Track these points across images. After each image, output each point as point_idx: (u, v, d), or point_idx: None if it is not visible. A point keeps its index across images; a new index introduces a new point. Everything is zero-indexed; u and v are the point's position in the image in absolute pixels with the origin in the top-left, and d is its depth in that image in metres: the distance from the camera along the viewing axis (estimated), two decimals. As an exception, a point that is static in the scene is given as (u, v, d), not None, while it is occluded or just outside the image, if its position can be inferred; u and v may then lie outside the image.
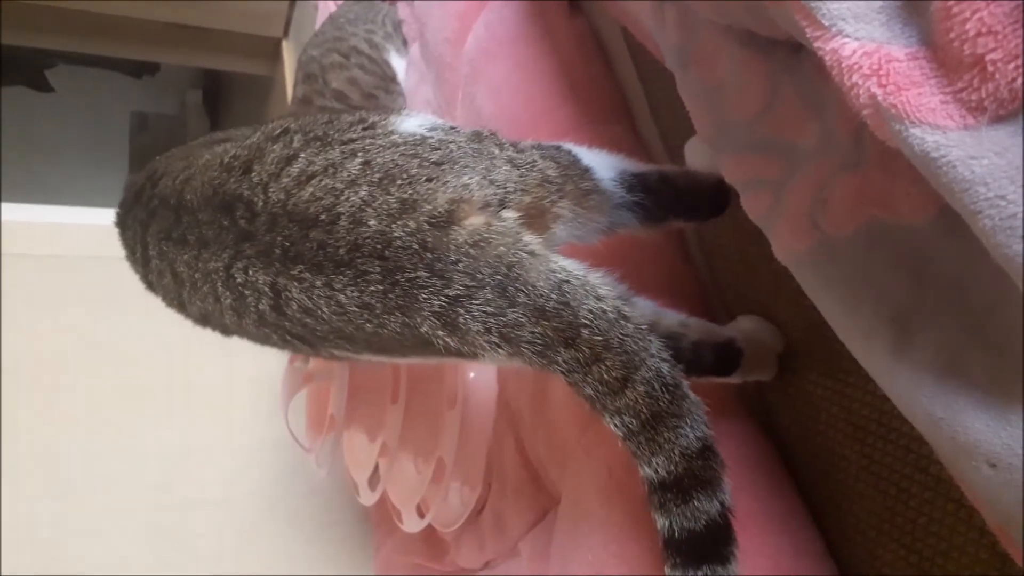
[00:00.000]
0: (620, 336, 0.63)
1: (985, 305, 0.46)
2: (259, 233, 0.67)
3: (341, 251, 0.64)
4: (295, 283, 0.66)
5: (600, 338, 0.62)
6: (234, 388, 1.63)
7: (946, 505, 0.73)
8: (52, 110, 3.54)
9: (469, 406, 1.16)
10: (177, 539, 1.50)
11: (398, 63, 1.51)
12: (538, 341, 0.63)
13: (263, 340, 0.76)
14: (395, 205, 0.64)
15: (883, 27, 0.42)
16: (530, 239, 0.65)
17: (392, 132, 0.70)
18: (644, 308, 0.82)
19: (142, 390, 1.60)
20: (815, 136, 0.57)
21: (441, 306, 0.63)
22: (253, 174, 0.69)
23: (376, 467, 1.21)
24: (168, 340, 1.64)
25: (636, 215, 0.79)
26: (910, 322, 0.50)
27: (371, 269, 0.63)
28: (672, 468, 0.64)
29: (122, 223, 0.86)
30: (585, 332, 0.62)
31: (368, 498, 1.22)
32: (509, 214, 0.66)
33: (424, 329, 0.64)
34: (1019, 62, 0.36)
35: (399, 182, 0.65)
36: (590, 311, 0.63)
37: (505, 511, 1.17)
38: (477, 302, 0.62)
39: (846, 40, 0.42)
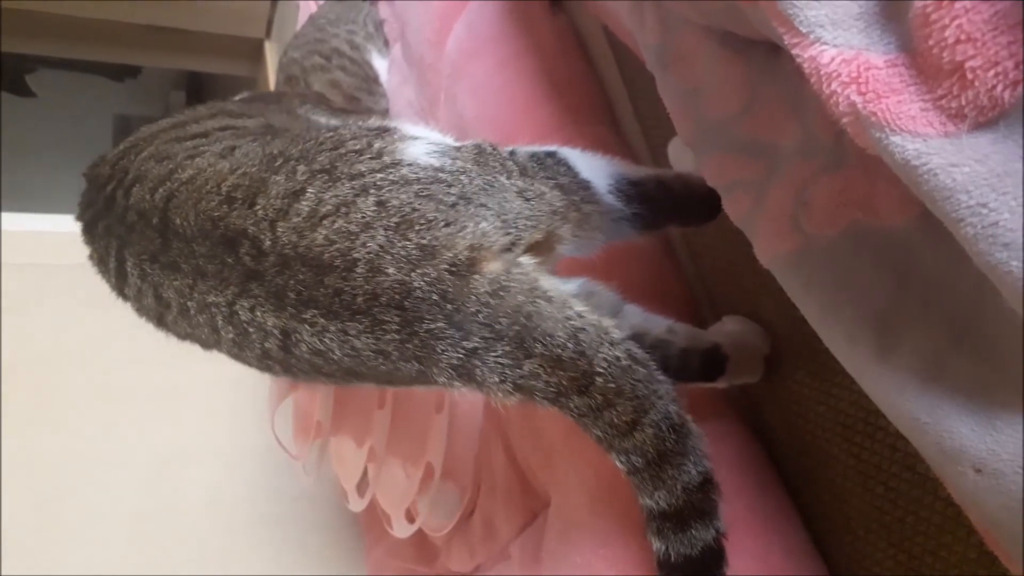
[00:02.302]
0: (632, 382, 0.63)
1: (968, 309, 0.46)
2: (268, 274, 0.65)
3: (359, 299, 0.63)
4: (307, 327, 0.65)
5: (613, 385, 0.63)
6: (222, 395, 1.63)
7: (934, 503, 0.73)
8: (34, 115, 3.52)
9: (456, 410, 1.15)
10: (164, 545, 1.50)
11: (380, 64, 1.50)
12: (552, 389, 0.64)
13: (262, 369, 0.74)
14: (414, 252, 0.62)
15: (861, 34, 0.41)
16: (546, 283, 0.65)
17: (400, 163, 0.68)
18: (633, 317, 0.82)
19: (133, 396, 1.60)
20: (796, 137, 0.56)
21: (459, 359, 0.63)
22: (258, 208, 0.66)
23: (364, 473, 1.21)
24: (158, 347, 1.63)
25: (634, 226, 0.79)
26: (893, 326, 0.50)
27: (389, 319, 0.63)
28: (673, 501, 0.65)
29: (90, 228, 0.83)
30: (599, 380, 0.63)
31: (357, 504, 1.22)
32: (527, 260, 0.66)
33: (440, 380, 0.64)
34: (999, 69, 0.35)
35: (417, 227, 0.63)
36: (604, 359, 0.63)
37: (495, 514, 1.17)
38: (494, 354, 0.63)
39: (824, 47, 0.42)
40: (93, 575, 1.42)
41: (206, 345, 0.75)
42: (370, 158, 0.68)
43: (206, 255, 0.68)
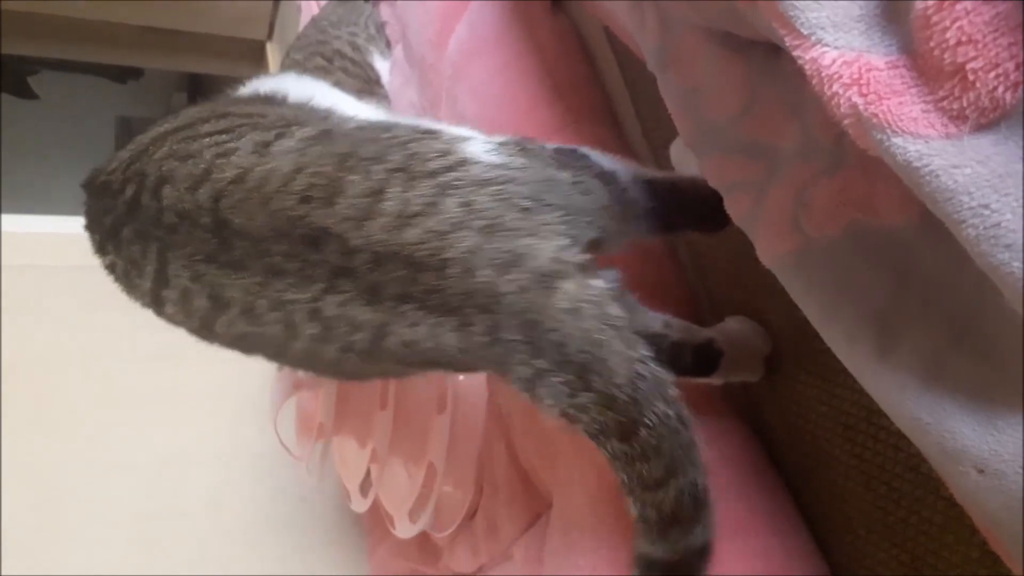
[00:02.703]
0: (674, 445, 0.64)
1: (968, 309, 0.46)
2: (360, 271, 0.66)
3: (453, 299, 0.64)
4: (402, 321, 0.66)
5: (655, 442, 0.63)
6: (224, 396, 1.63)
7: (936, 503, 0.73)
8: (36, 117, 3.52)
9: (459, 411, 1.15)
10: (165, 546, 1.50)
11: (382, 65, 1.50)
12: (596, 426, 0.64)
13: (331, 366, 0.75)
14: (504, 256, 0.64)
15: (862, 36, 0.41)
16: (613, 309, 0.65)
17: (467, 161, 0.69)
18: (634, 311, 0.82)
19: (133, 397, 1.60)
20: (796, 138, 0.57)
21: (528, 376, 0.64)
22: (339, 207, 0.67)
23: (368, 473, 1.21)
24: (159, 349, 1.63)
25: (648, 224, 0.80)
26: (893, 326, 0.50)
27: (476, 321, 0.64)
28: (670, 557, 0.66)
29: (112, 235, 0.82)
30: (644, 432, 0.63)
31: (360, 505, 1.22)
32: (597, 282, 0.66)
33: (509, 382, 0.66)
34: (1000, 71, 0.35)
35: (501, 233, 0.64)
36: (655, 414, 0.63)
37: (498, 515, 1.17)
38: (557, 379, 0.63)
39: (826, 49, 0.42)
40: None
41: (262, 346, 0.76)
42: (438, 156, 0.69)
43: (284, 253, 0.68)
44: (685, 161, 0.92)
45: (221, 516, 1.55)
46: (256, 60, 2.62)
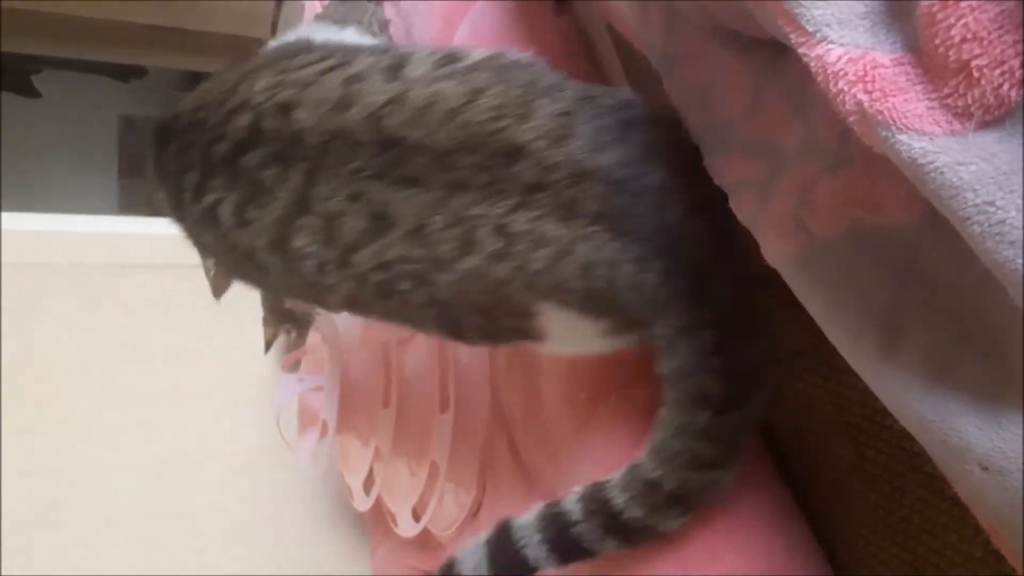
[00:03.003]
0: None
1: (973, 307, 0.46)
2: (559, 188, 0.67)
3: (642, 227, 0.67)
4: (588, 241, 0.67)
5: None
6: (225, 396, 1.63)
7: (940, 503, 0.73)
8: (38, 115, 3.52)
9: (461, 409, 1.15)
10: (166, 546, 1.50)
11: (385, 64, 1.50)
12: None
13: (490, 290, 0.73)
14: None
15: (868, 33, 0.42)
16: None
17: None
18: None
19: (134, 396, 1.60)
20: (800, 137, 0.57)
21: (675, 330, 0.70)
22: (534, 125, 0.68)
23: (370, 471, 1.21)
24: (160, 348, 1.64)
25: None
26: (898, 324, 0.50)
27: (656, 258, 0.68)
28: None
29: (228, 165, 0.76)
30: None
31: (363, 503, 1.22)
32: None
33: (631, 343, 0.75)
34: (1005, 68, 0.36)
35: None
36: None
37: (501, 513, 1.16)
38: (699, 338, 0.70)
39: (831, 46, 0.42)
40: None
41: (403, 277, 0.74)
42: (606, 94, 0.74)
43: (474, 166, 0.68)
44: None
45: (221, 516, 1.55)
46: (259, 59, 2.62)
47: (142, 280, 1.68)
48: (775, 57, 0.57)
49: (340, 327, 1.21)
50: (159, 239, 1.74)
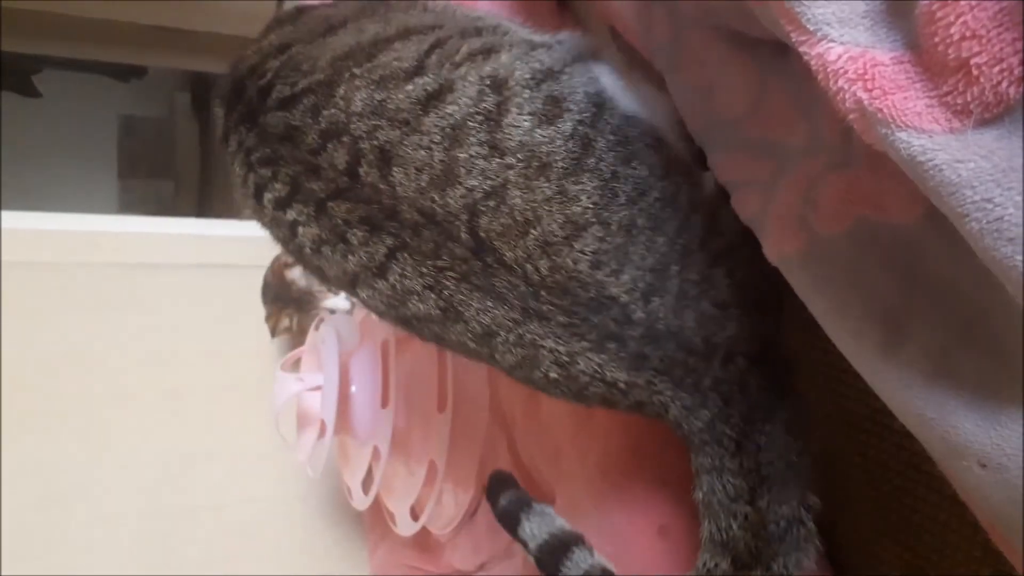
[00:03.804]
0: None
1: (974, 306, 0.46)
2: (633, 342, 0.67)
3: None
4: (651, 388, 0.67)
5: None
6: (226, 396, 1.63)
7: (940, 502, 0.73)
8: (38, 115, 3.53)
9: (459, 409, 1.15)
10: (166, 546, 1.50)
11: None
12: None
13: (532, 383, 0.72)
14: None
15: (868, 31, 0.42)
16: None
17: None
18: None
19: (134, 396, 1.60)
20: (803, 136, 0.57)
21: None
22: (623, 280, 0.66)
23: (369, 471, 1.21)
24: (160, 348, 1.64)
25: None
26: (900, 322, 0.50)
27: None
28: None
29: (315, 203, 0.70)
30: None
31: (361, 502, 1.22)
32: None
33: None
34: (1004, 65, 0.36)
35: None
36: None
37: (499, 512, 1.17)
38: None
39: (831, 44, 0.42)
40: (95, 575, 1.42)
41: (462, 348, 0.72)
42: None
43: (559, 308, 0.67)
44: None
45: (220, 515, 1.55)
46: (260, 59, 2.62)
47: (142, 280, 1.68)
48: (778, 56, 0.58)
49: (338, 326, 1.21)
50: (160, 238, 1.75)
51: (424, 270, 0.67)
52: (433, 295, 0.67)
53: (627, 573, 0.83)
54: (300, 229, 0.72)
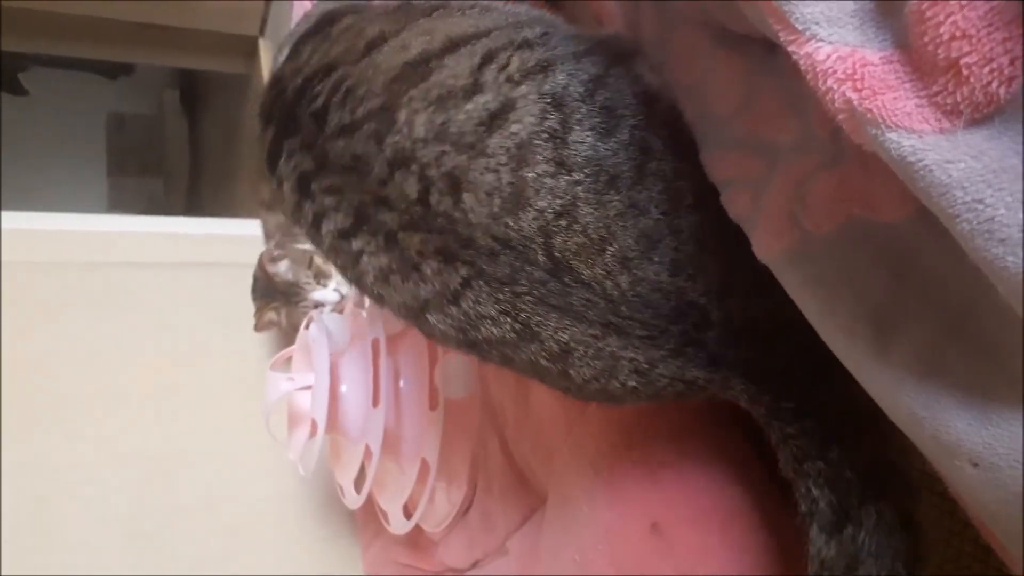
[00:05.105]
0: None
1: (965, 304, 0.46)
2: (716, 346, 0.68)
3: None
4: (726, 383, 0.69)
5: None
6: (220, 396, 1.63)
7: (930, 498, 0.74)
8: (26, 113, 3.51)
9: (451, 407, 1.15)
10: (162, 545, 1.50)
11: (375, 61, 1.49)
12: None
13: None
14: None
15: (857, 31, 0.42)
16: None
17: None
18: None
19: (133, 395, 1.60)
20: (794, 133, 0.57)
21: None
22: (700, 283, 0.67)
23: (361, 469, 1.21)
24: (159, 348, 1.64)
25: None
26: (891, 321, 0.50)
27: None
28: None
29: (383, 232, 0.69)
30: None
31: (354, 501, 1.22)
32: None
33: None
34: (994, 65, 0.36)
35: None
36: None
37: (492, 510, 1.17)
38: None
39: (820, 44, 0.42)
40: (93, 575, 1.42)
41: (528, 370, 0.72)
42: None
43: (639, 321, 0.67)
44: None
45: (213, 514, 1.55)
46: (248, 56, 2.61)
47: (137, 279, 1.68)
48: (768, 53, 0.57)
49: (328, 325, 1.21)
50: (156, 237, 1.75)
51: (501, 296, 0.65)
52: (509, 319, 0.66)
53: (619, 571, 0.83)
54: (365, 259, 0.70)
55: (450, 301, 0.67)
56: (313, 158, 0.72)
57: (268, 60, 2.44)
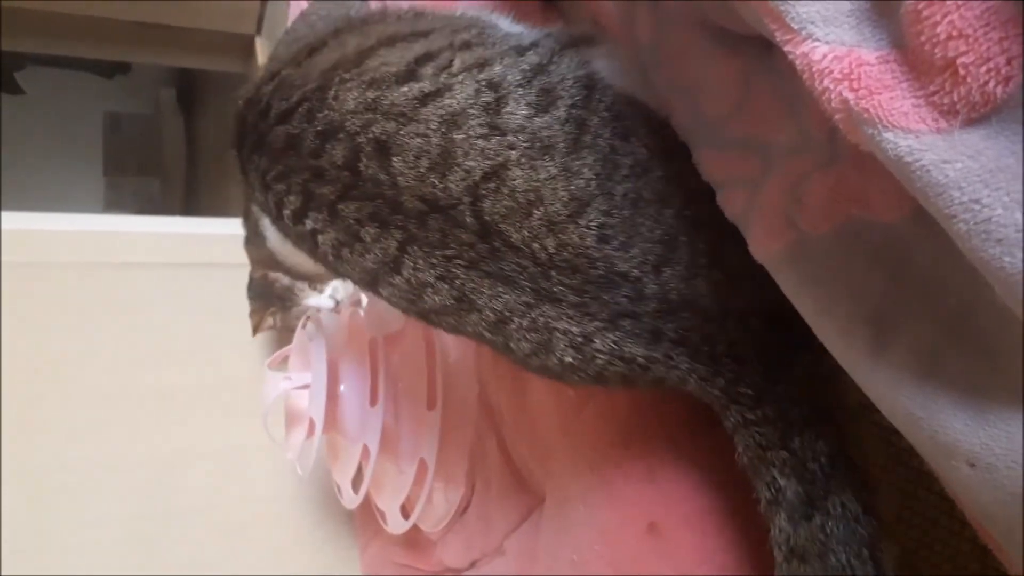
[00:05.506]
0: None
1: (962, 305, 0.46)
2: (648, 317, 0.67)
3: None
4: (668, 363, 0.68)
5: None
6: (219, 396, 1.62)
7: (928, 497, 0.74)
8: (22, 112, 3.50)
9: (449, 406, 1.15)
10: (162, 545, 1.50)
11: (371, 60, 1.49)
12: None
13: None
14: None
15: (853, 30, 0.41)
16: None
17: None
18: None
19: (133, 396, 1.59)
20: (790, 133, 0.57)
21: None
22: (631, 254, 0.67)
23: (359, 469, 1.21)
24: (158, 348, 1.63)
25: None
26: (888, 322, 0.50)
27: None
28: None
29: (324, 205, 0.71)
30: None
31: (351, 501, 1.21)
32: None
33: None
34: (990, 65, 0.35)
35: None
36: None
37: (490, 510, 1.17)
38: None
39: (816, 44, 0.42)
40: (92, 575, 1.42)
41: (476, 334, 0.72)
42: None
43: (570, 287, 0.67)
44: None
45: (211, 515, 1.55)
46: (245, 55, 2.61)
47: (135, 279, 1.68)
48: (763, 53, 0.57)
49: (326, 324, 1.21)
50: (157, 237, 1.74)
51: (434, 260, 0.67)
52: (446, 285, 0.68)
53: (617, 571, 0.83)
54: (320, 237, 0.73)
55: (392, 269, 0.69)
56: (263, 153, 0.76)
57: (264, 59, 2.43)
